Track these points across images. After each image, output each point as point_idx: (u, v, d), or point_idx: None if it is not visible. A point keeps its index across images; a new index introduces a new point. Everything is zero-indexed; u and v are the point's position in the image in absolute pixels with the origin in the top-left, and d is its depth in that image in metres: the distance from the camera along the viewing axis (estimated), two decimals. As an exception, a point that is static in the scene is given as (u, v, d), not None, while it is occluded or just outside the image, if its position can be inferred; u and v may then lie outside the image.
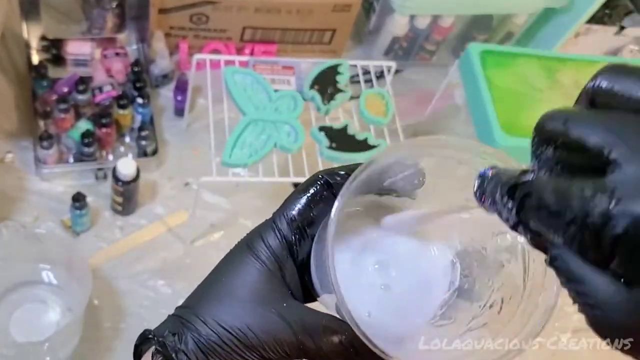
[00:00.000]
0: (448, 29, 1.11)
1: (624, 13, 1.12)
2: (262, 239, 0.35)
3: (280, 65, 0.89)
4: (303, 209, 0.34)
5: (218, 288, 0.35)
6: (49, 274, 0.84)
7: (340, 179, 0.35)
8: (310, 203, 0.35)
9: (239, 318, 0.33)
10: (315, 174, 0.36)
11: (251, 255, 0.34)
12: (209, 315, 0.34)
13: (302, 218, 0.34)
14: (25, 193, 0.92)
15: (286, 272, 0.35)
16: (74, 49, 1.01)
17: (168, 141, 1.01)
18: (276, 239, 0.34)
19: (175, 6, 1.00)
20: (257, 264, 0.34)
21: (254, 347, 0.33)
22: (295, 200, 0.35)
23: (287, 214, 0.35)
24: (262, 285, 0.34)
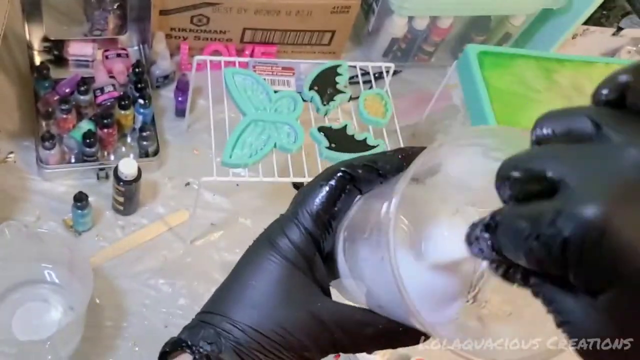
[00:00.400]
0: (446, 30, 1.11)
1: (621, 14, 1.13)
2: (286, 236, 0.34)
3: (280, 67, 0.90)
4: (326, 203, 0.34)
5: (249, 292, 0.34)
6: (51, 273, 0.84)
7: (361, 171, 0.34)
8: (332, 197, 0.34)
9: (276, 322, 0.33)
10: (331, 167, 0.35)
11: (277, 255, 0.34)
12: (245, 322, 0.33)
13: (326, 213, 0.34)
14: (27, 193, 0.92)
15: (315, 268, 0.34)
16: (76, 50, 1.02)
17: (169, 141, 1.02)
18: (301, 235, 0.34)
19: (176, 8, 1.01)
20: (285, 264, 0.33)
21: (293, 349, 0.33)
22: (316, 194, 0.34)
23: (310, 209, 0.34)
24: (294, 285, 0.33)
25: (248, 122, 0.81)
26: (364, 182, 0.34)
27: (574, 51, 1.13)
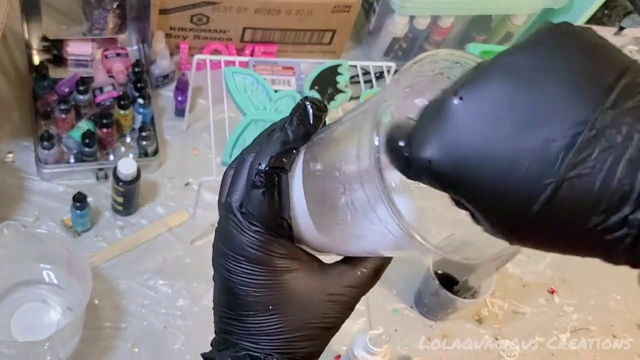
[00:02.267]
0: (447, 30, 1.11)
1: (623, 13, 1.12)
2: (270, 254, 0.34)
3: (280, 66, 0.89)
4: (275, 202, 0.33)
5: (255, 307, 0.35)
6: (50, 274, 0.84)
7: (286, 159, 0.34)
8: (277, 195, 0.34)
9: (294, 328, 0.35)
10: (255, 169, 0.34)
11: (274, 274, 0.34)
12: (266, 341, 0.35)
13: (282, 211, 0.34)
14: (26, 193, 0.92)
15: (302, 257, 0.35)
16: (75, 49, 1.02)
17: (168, 141, 1.01)
18: (279, 245, 0.34)
19: (176, 7, 1.01)
20: (283, 277, 0.34)
21: (318, 335, 0.35)
22: (262, 204, 0.33)
23: (265, 218, 0.33)
24: (302, 285, 0.35)
25: (248, 121, 0.81)
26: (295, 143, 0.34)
27: (575, 50, 1.13)
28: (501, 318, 0.96)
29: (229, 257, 0.35)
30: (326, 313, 0.35)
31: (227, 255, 0.35)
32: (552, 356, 0.95)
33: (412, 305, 0.94)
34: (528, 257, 1.02)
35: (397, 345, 0.89)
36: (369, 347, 0.77)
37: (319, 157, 0.34)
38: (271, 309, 0.34)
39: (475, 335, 0.94)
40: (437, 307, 0.90)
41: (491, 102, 0.25)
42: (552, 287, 1.00)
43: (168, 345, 0.84)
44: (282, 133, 0.34)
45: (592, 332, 0.98)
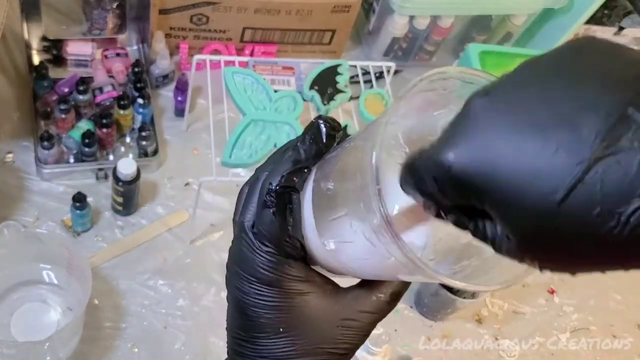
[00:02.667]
0: (447, 30, 1.11)
1: (623, 14, 1.12)
2: (281, 276, 0.33)
3: (280, 66, 0.89)
4: (284, 221, 0.33)
5: (267, 329, 0.34)
6: (50, 274, 0.84)
7: (297, 178, 0.34)
8: (288, 215, 0.33)
9: (306, 349, 0.34)
10: (266, 189, 0.34)
11: (286, 296, 0.33)
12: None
13: (294, 229, 0.33)
14: (26, 193, 0.92)
15: (316, 280, 0.34)
16: (75, 49, 1.02)
17: (168, 141, 1.01)
18: (290, 266, 0.33)
19: (176, 7, 1.01)
20: (295, 300, 0.34)
21: (333, 353, 0.34)
22: (272, 222, 0.33)
23: (276, 238, 0.33)
24: (315, 309, 0.34)
25: (248, 121, 0.81)
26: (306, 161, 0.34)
27: (575, 51, 1.13)
28: (501, 318, 0.96)
29: (242, 278, 0.34)
30: (339, 338, 0.34)
31: (239, 275, 0.34)
32: (552, 356, 0.95)
33: (412, 305, 0.94)
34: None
35: (397, 345, 0.89)
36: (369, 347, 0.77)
37: (328, 176, 0.33)
38: (282, 331, 0.34)
39: (475, 335, 0.94)
40: (437, 307, 0.90)
41: (520, 101, 0.24)
42: (552, 287, 1.00)
43: (168, 345, 0.84)
44: (294, 152, 0.33)
45: (592, 332, 0.98)
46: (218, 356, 0.84)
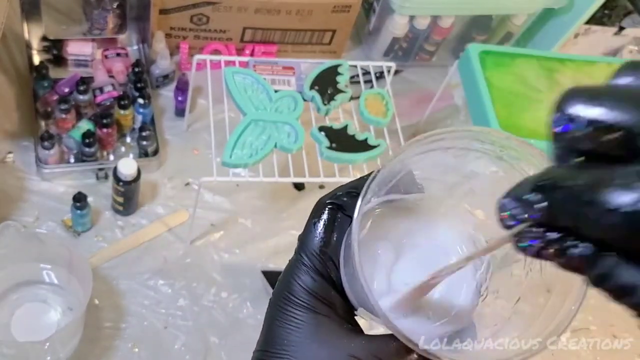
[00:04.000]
0: (447, 30, 1.11)
1: (623, 13, 1.12)
2: (299, 285, 0.33)
3: (281, 66, 0.89)
4: (325, 238, 0.34)
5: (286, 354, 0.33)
6: (50, 274, 0.84)
7: (346, 198, 0.34)
8: (328, 230, 0.34)
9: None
10: (317, 203, 0.35)
11: (298, 308, 0.33)
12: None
13: (327, 247, 0.33)
14: (26, 193, 0.92)
15: (337, 307, 0.34)
16: (75, 49, 1.02)
17: (169, 141, 1.01)
18: (312, 279, 0.33)
19: (176, 7, 1.01)
20: (308, 315, 0.33)
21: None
22: (312, 232, 0.34)
23: (312, 249, 0.33)
24: (323, 333, 0.32)
25: (248, 121, 0.81)
26: (351, 209, 0.33)
27: (575, 51, 1.13)
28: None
29: (277, 286, 0.34)
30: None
31: (278, 282, 0.34)
32: (552, 356, 0.95)
33: (412, 305, 0.94)
34: (528, 257, 1.02)
35: (397, 345, 0.89)
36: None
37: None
38: (286, 344, 0.33)
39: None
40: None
41: None
42: (552, 287, 1.00)
43: (168, 345, 0.84)
44: (356, 180, 0.34)
45: (592, 332, 0.98)
46: (218, 356, 0.84)
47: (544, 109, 0.86)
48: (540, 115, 0.85)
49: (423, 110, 1.06)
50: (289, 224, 0.97)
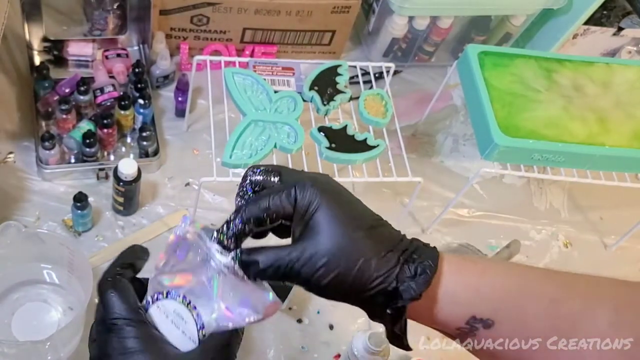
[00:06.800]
0: (446, 30, 1.11)
1: (621, 14, 1.13)
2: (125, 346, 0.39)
3: (280, 66, 0.90)
4: (130, 300, 0.41)
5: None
6: (51, 274, 0.84)
7: (119, 269, 0.44)
8: (127, 294, 0.42)
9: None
10: (99, 283, 0.42)
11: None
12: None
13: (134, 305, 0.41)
14: (27, 193, 0.92)
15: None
16: (76, 50, 1.02)
17: (169, 141, 1.02)
18: (137, 337, 0.40)
19: (176, 7, 1.01)
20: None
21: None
22: (116, 300, 0.41)
23: (122, 311, 0.41)
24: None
25: (248, 122, 0.81)
26: (127, 275, 0.44)
27: (574, 51, 1.13)
28: (500, 318, 0.96)
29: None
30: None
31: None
32: (551, 356, 0.95)
33: (412, 305, 0.95)
34: (527, 257, 1.02)
35: (397, 345, 0.89)
36: (369, 347, 0.77)
37: None
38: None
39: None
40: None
41: None
42: (551, 286, 1.01)
43: (168, 345, 0.84)
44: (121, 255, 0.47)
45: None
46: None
47: (542, 109, 0.87)
48: (539, 115, 0.86)
49: (422, 110, 1.06)
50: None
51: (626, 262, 1.05)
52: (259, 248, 0.41)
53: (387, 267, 0.39)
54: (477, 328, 0.40)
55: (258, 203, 0.41)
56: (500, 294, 0.40)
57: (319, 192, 0.40)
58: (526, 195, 1.10)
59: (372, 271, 0.39)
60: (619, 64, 0.94)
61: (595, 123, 0.86)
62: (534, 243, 1.04)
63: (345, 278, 0.38)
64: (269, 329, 0.87)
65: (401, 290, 0.38)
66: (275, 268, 0.39)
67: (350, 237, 0.39)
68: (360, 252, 0.39)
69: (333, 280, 0.39)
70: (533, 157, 0.84)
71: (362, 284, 0.39)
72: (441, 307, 0.40)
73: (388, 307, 0.39)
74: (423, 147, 1.10)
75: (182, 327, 0.41)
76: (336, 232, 0.39)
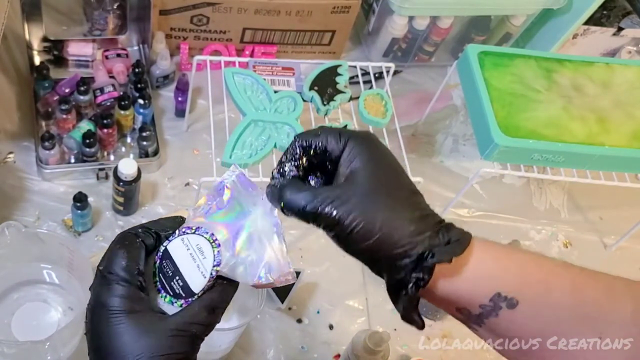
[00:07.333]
0: (446, 30, 1.11)
1: (621, 14, 1.13)
2: (114, 295, 0.40)
3: (280, 66, 0.90)
4: (129, 257, 0.42)
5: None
6: (51, 273, 0.84)
7: (141, 230, 0.44)
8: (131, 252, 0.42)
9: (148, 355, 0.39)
10: (118, 235, 0.44)
11: (116, 315, 0.40)
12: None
13: (134, 263, 0.42)
14: (27, 193, 0.92)
15: (148, 304, 0.42)
16: (76, 50, 1.02)
17: (169, 141, 1.02)
18: (124, 288, 0.41)
19: (176, 7, 1.01)
20: (129, 316, 0.40)
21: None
22: (118, 256, 0.42)
23: (120, 267, 0.41)
24: (147, 324, 0.40)
25: (248, 122, 0.81)
26: (147, 240, 0.44)
27: (574, 51, 1.13)
28: (500, 318, 0.96)
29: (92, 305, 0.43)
30: (173, 345, 0.40)
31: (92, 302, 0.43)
32: (551, 356, 0.95)
33: (412, 305, 0.95)
34: (527, 257, 1.02)
35: (397, 345, 0.90)
36: (369, 347, 0.77)
37: None
38: (119, 345, 0.40)
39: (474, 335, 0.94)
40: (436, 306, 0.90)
41: None
42: (551, 286, 1.01)
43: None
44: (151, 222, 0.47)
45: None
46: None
47: (542, 109, 0.87)
48: (539, 115, 0.86)
49: (422, 110, 1.06)
50: (288, 224, 0.97)
51: (626, 262, 1.05)
52: (302, 184, 0.42)
53: (420, 230, 0.38)
54: (500, 307, 0.39)
55: (313, 132, 0.43)
56: (528, 270, 0.39)
57: (368, 147, 0.41)
58: (526, 195, 1.10)
59: (405, 230, 0.38)
60: (619, 64, 0.94)
61: (595, 123, 0.87)
62: (534, 243, 1.04)
63: (373, 230, 0.38)
64: (269, 329, 0.87)
65: (433, 252, 0.38)
66: (315, 204, 0.39)
67: (390, 192, 0.39)
68: (396, 209, 0.39)
69: (363, 229, 0.38)
70: (533, 157, 0.84)
71: (394, 242, 0.38)
72: (467, 278, 0.39)
73: (414, 271, 0.38)
74: (423, 147, 1.10)
75: (198, 261, 0.42)
76: (377, 185, 0.39)
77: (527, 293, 0.39)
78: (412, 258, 0.38)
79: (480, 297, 0.39)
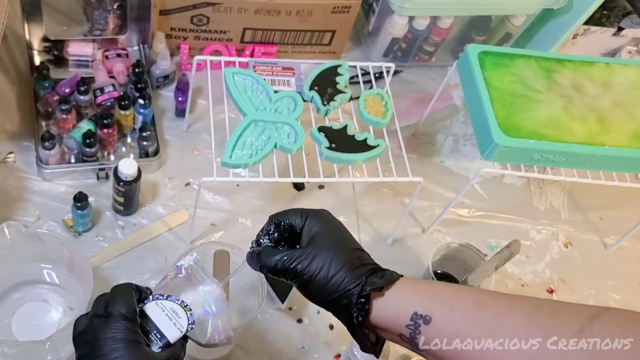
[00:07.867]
0: (447, 30, 1.11)
1: (622, 14, 1.13)
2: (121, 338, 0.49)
3: (280, 67, 0.90)
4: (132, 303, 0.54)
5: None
6: (51, 273, 0.84)
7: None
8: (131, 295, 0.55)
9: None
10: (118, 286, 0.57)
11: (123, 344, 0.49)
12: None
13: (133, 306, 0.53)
14: (27, 193, 0.92)
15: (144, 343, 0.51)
16: (76, 50, 1.02)
17: (169, 141, 1.02)
18: (130, 329, 0.50)
19: (176, 7, 1.01)
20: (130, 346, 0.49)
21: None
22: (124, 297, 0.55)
23: (124, 309, 0.53)
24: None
25: (248, 122, 0.81)
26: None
27: (574, 51, 1.13)
28: (500, 318, 0.96)
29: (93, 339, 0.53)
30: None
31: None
32: (551, 356, 0.95)
33: (412, 305, 0.95)
34: (527, 257, 1.02)
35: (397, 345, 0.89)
36: (369, 347, 0.77)
37: None
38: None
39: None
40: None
41: None
42: (551, 286, 1.01)
43: (168, 345, 0.84)
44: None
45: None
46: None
47: (542, 109, 0.87)
48: (539, 115, 0.86)
49: (422, 110, 1.06)
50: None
51: (626, 262, 1.05)
52: (273, 250, 0.56)
53: (358, 274, 0.52)
54: (419, 324, 0.49)
55: (282, 213, 0.58)
56: (435, 294, 0.50)
57: (323, 220, 0.57)
58: (526, 195, 1.10)
59: (347, 277, 0.52)
60: (619, 64, 0.94)
61: (595, 123, 0.87)
62: (534, 243, 1.04)
63: (327, 277, 0.52)
64: (269, 329, 0.87)
65: (367, 283, 0.51)
66: (284, 262, 0.54)
67: (338, 249, 0.53)
68: (342, 260, 0.53)
69: (318, 278, 0.52)
70: (533, 157, 0.84)
71: (339, 286, 0.51)
72: (392, 304, 0.50)
73: (356, 305, 0.50)
74: (423, 147, 1.10)
75: (174, 320, 0.53)
76: (329, 246, 0.54)
77: (436, 310, 0.49)
78: (353, 296, 0.51)
79: (404, 318, 0.50)
